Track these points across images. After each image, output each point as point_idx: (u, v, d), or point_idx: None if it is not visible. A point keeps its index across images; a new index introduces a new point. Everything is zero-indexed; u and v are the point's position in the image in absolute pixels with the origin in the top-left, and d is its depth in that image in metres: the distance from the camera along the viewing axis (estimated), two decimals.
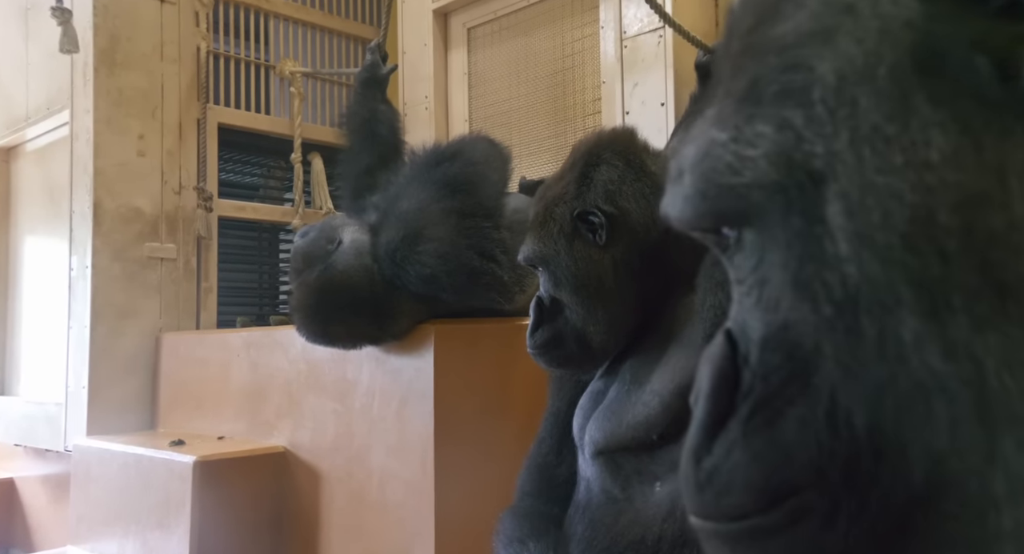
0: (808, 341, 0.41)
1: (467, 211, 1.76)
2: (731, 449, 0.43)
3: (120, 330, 2.59)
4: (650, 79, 2.38)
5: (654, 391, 1.08)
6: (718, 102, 0.46)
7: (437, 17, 3.13)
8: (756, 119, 0.43)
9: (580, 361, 1.20)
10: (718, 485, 0.44)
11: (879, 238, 0.38)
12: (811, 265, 0.40)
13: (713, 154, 0.44)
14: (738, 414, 0.44)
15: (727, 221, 0.45)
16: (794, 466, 0.41)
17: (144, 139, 2.68)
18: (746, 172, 0.42)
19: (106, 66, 2.62)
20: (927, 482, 0.38)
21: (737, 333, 0.46)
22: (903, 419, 0.38)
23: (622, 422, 1.10)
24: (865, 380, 0.39)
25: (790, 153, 0.41)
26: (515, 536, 1.20)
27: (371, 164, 2.10)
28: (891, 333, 0.38)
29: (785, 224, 0.42)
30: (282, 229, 3.16)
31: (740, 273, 0.45)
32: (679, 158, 0.47)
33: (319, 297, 1.77)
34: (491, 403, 1.80)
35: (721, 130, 0.44)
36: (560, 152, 2.72)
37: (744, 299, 0.45)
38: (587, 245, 1.15)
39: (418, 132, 2.98)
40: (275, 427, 2.13)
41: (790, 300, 0.42)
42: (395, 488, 1.79)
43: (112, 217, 2.60)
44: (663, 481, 1.05)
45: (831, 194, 0.40)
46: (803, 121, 0.41)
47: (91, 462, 2.34)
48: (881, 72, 0.40)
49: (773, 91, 0.43)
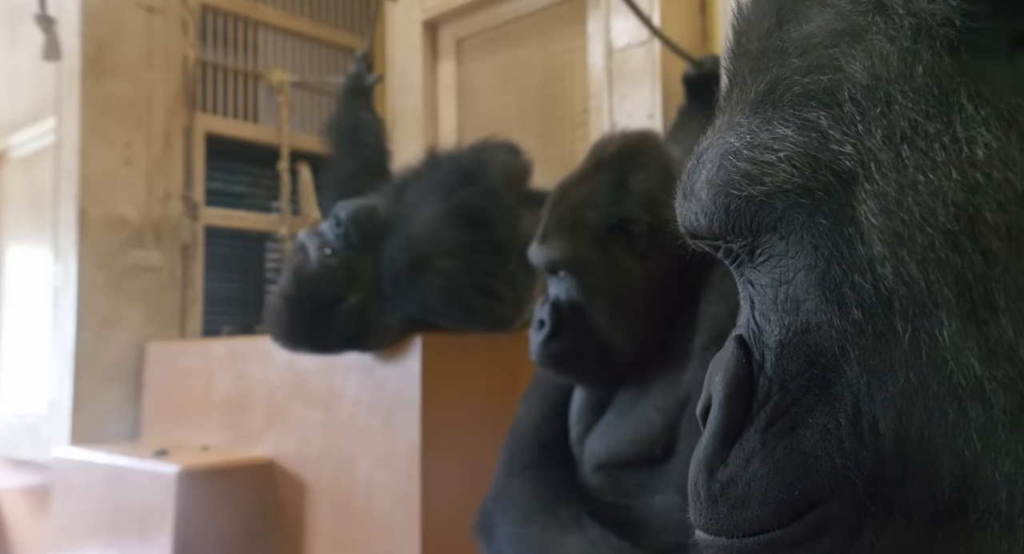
0: (831, 346, 0.39)
1: (478, 246, 1.72)
2: (749, 459, 0.42)
3: (104, 339, 2.56)
4: (638, 92, 2.39)
5: (657, 406, 1.07)
6: (732, 108, 0.45)
7: (426, 28, 3.14)
8: (775, 122, 0.42)
9: (593, 372, 1.16)
10: (734, 497, 0.42)
11: (920, 238, 0.37)
12: (839, 267, 0.39)
13: (727, 165, 0.43)
14: (755, 423, 0.42)
15: (749, 232, 0.43)
16: (817, 476, 0.39)
17: (130, 147, 2.67)
18: (766, 179, 0.41)
19: (93, 73, 2.60)
20: (956, 491, 0.37)
21: (750, 339, 0.44)
22: (934, 425, 0.37)
23: (625, 437, 1.08)
24: (894, 385, 0.37)
25: (815, 154, 0.40)
26: (534, 507, 1.13)
27: (356, 171, 2.10)
28: (928, 336, 0.37)
29: (811, 227, 0.40)
30: (269, 238, 3.15)
31: (756, 277, 0.44)
32: (692, 170, 0.46)
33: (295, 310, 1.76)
34: (478, 414, 1.80)
35: (735, 136, 0.43)
36: (548, 163, 2.72)
37: (760, 304, 0.43)
38: (622, 254, 1.11)
39: (406, 142, 2.98)
40: (260, 437, 2.11)
41: (814, 303, 0.40)
42: (381, 499, 1.78)
43: (97, 225, 2.58)
44: (662, 494, 1.04)
45: (864, 194, 0.39)
46: (829, 121, 0.40)
47: (73, 472, 2.31)
48: (919, 70, 0.39)
49: (795, 93, 0.42)
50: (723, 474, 0.42)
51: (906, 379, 0.37)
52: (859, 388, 0.38)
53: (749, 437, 0.42)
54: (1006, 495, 0.36)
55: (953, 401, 0.36)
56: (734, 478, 0.42)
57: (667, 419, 1.05)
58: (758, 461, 0.41)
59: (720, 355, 0.46)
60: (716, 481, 0.42)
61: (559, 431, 1.23)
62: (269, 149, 3.11)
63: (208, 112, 2.96)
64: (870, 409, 0.38)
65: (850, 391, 0.39)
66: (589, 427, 1.17)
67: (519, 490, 1.18)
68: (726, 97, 0.47)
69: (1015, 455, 0.35)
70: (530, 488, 1.17)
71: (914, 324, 0.37)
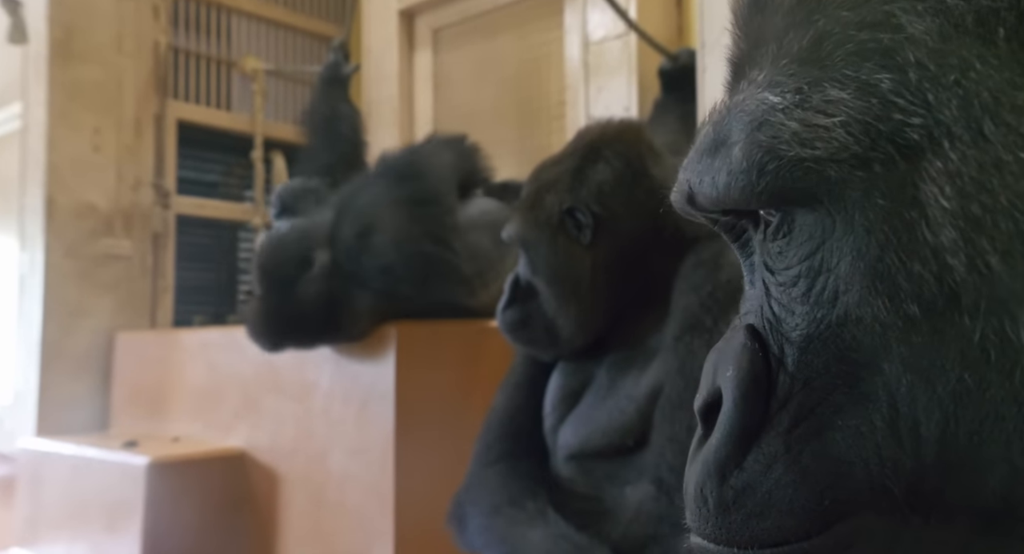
0: (872, 342, 0.36)
1: (416, 199, 1.78)
2: (771, 464, 0.38)
3: (72, 329, 2.52)
4: (614, 84, 2.40)
5: (630, 396, 1.08)
6: (769, 64, 0.40)
7: (402, 17, 3.12)
8: (827, 83, 0.37)
9: (546, 346, 1.19)
10: (751, 505, 0.38)
11: (1004, 224, 0.33)
12: (896, 254, 0.35)
13: (773, 121, 0.37)
14: (776, 424, 0.38)
15: (787, 200, 0.38)
16: (851, 484, 0.36)
17: (99, 133, 2.62)
18: (819, 143, 0.36)
19: (60, 58, 2.55)
20: (1003, 504, 0.34)
21: (765, 330, 0.40)
22: (987, 431, 0.34)
23: (598, 428, 1.09)
24: (944, 386, 0.34)
25: (875, 123, 0.35)
26: (502, 499, 1.14)
27: (331, 162, 2.09)
28: (997, 335, 0.33)
29: (865, 205, 0.36)
30: (241, 227, 3.12)
31: (781, 262, 0.39)
32: (718, 125, 0.40)
33: (275, 318, 1.76)
34: (453, 405, 1.80)
35: (780, 94, 0.38)
36: (524, 155, 2.72)
37: (782, 292, 0.39)
38: (570, 241, 1.13)
39: (382, 132, 2.96)
40: (232, 428, 2.09)
41: (859, 294, 0.36)
42: (355, 490, 1.78)
43: (65, 213, 2.53)
44: (633, 485, 1.05)
45: (934, 172, 0.34)
46: (891, 85, 0.35)
47: (39, 464, 2.27)
48: (1000, 33, 0.34)
49: (848, 50, 0.37)
50: (738, 480, 0.39)
51: (959, 380, 0.34)
52: (899, 388, 0.35)
53: (770, 440, 0.38)
54: None
55: (1014, 406, 0.33)
56: (752, 484, 0.38)
57: (639, 409, 1.06)
58: (781, 466, 0.37)
59: (724, 347, 0.42)
60: (729, 487, 0.39)
61: (533, 421, 1.24)
62: (242, 137, 3.07)
63: (180, 99, 2.92)
64: (911, 411, 0.35)
65: (887, 391, 0.35)
66: (562, 417, 1.17)
67: (490, 481, 1.19)
68: (747, 55, 0.42)
69: None
70: (500, 480, 1.18)
71: (985, 321, 0.33)
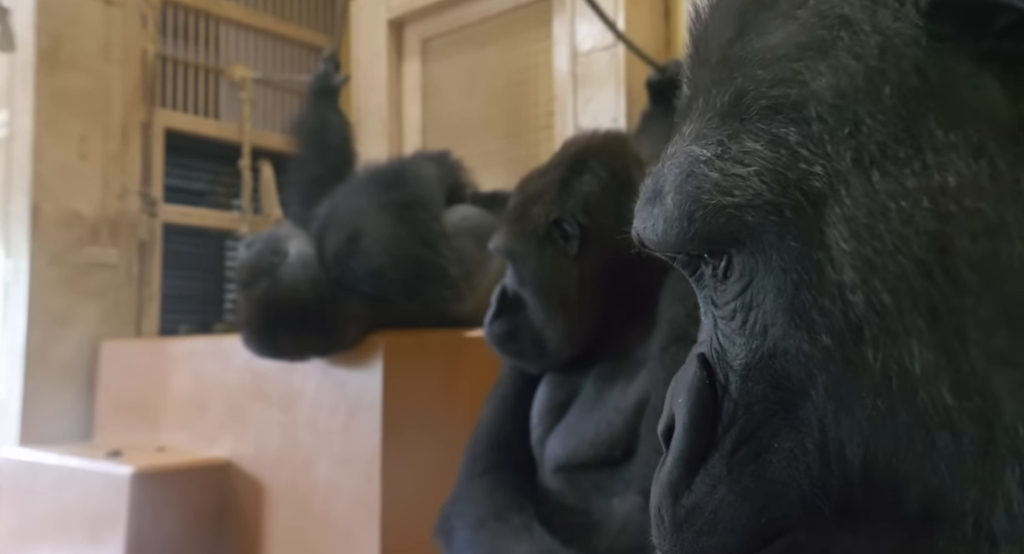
0: (799, 371, 0.38)
1: (404, 203, 1.80)
2: (715, 485, 0.40)
3: (57, 337, 2.50)
4: (602, 95, 2.41)
5: (617, 408, 1.08)
6: (697, 117, 0.43)
7: (391, 27, 3.13)
8: (744, 135, 0.40)
9: (534, 357, 1.19)
10: (699, 524, 0.41)
11: (891, 266, 0.36)
12: (809, 292, 0.38)
13: (698, 173, 0.41)
14: (721, 447, 0.41)
15: (715, 244, 0.41)
16: (785, 503, 0.38)
17: (86, 141, 2.61)
18: (736, 191, 0.39)
19: (48, 66, 2.54)
20: (923, 518, 0.36)
21: (713, 359, 0.43)
22: (902, 453, 0.36)
23: (585, 439, 1.09)
24: (861, 412, 0.37)
25: (784, 172, 0.38)
26: (488, 513, 1.13)
27: (321, 173, 2.09)
28: (898, 365, 0.36)
29: (780, 247, 0.39)
30: (229, 236, 3.11)
31: (722, 297, 0.42)
32: (656, 177, 0.44)
33: (266, 311, 1.75)
34: (440, 415, 1.80)
35: (704, 146, 0.41)
36: (513, 165, 2.73)
37: (725, 324, 0.42)
38: (557, 252, 1.13)
39: (371, 141, 2.96)
40: (218, 438, 2.08)
41: (782, 328, 0.39)
42: (340, 500, 1.77)
43: (51, 221, 2.52)
44: (620, 496, 1.05)
45: (834, 217, 0.37)
46: (798, 138, 0.38)
47: (21, 474, 2.25)
48: (886, 91, 0.37)
49: (761, 106, 0.40)
50: (688, 500, 0.41)
51: (874, 407, 0.36)
52: (826, 414, 0.37)
53: (715, 462, 0.41)
54: (972, 523, 0.35)
55: (921, 430, 0.35)
56: (700, 504, 0.41)
57: (626, 420, 1.06)
58: (724, 487, 0.40)
59: (682, 374, 0.44)
60: (681, 506, 0.41)
61: (520, 433, 1.23)
62: (230, 146, 3.06)
63: (168, 107, 2.91)
64: (837, 435, 0.37)
65: (816, 416, 0.38)
66: (550, 429, 1.17)
67: (476, 494, 1.18)
68: (688, 105, 0.45)
69: (982, 483, 0.35)
70: (486, 493, 1.17)
71: (885, 353, 0.36)
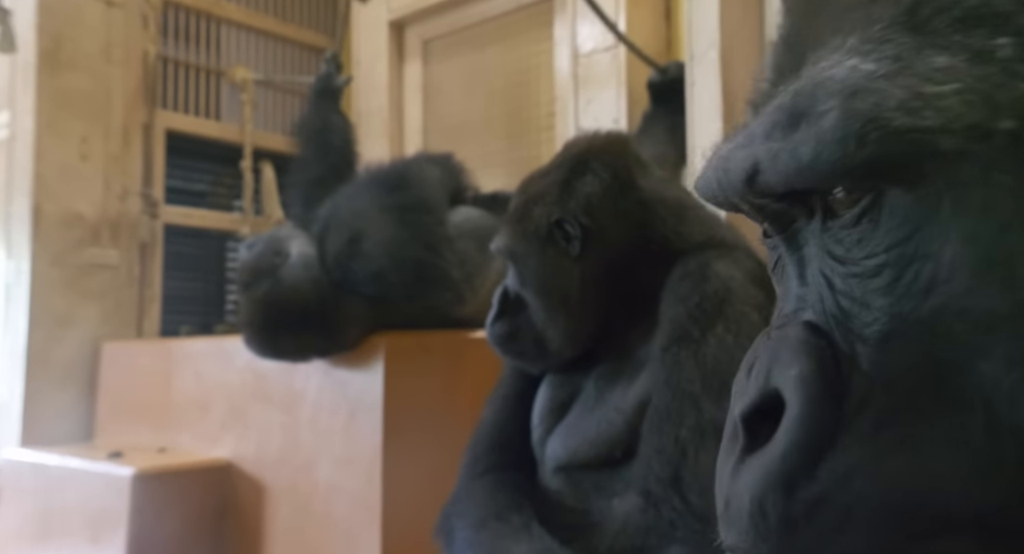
0: (970, 337, 0.32)
1: (407, 206, 1.79)
2: (850, 476, 0.33)
3: (58, 338, 2.51)
4: (603, 96, 2.41)
5: (618, 408, 1.08)
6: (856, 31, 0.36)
7: (392, 28, 3.13)
8: (929, 50, 0.33)
9: (535, 358, 1.19)
10: (827, 521, 0.34)
11: None
12: (1020, 236, 0.31)
13: (873, 88, 0.33)
14: (852, 431, 0.34)
15: (884, 175, 0.34)
16: (947, 500, 0.32)
17: (87, 142, 2.61)
18: (928, 112, 0.32)
19: (49, 67, 2.55)
20: None
21: (830, 327, 0.36)
22: None
23: (585, 439, 1.09)
24: None
25: (995, 92, 0.31)
26: (489, 513, 1.12)
27: (322, 175, 2.09)
28: None
29: (983, 184, 0.32)
30: (230, 237, 3.11)
31: (858, 250, 0.35)
32: (795, 95, 0.36)
33: (267, 312, 1.75)
34: (441, 415, 1.79)
35: (874, 61, 0.34)
36: (513, 166, 2.73)
37: (858, 283, 0.35)
38: (559, 253, 1.13)
39: (372, 142, 2.96)
40: (219, 439, 2.08)
41: (966, 283, 0.32)
42: (341, 501, 1.77)
43: (52, 222, 2.52)
44: (621, 497, 1.05)
45: None
46: (1013, 52, 0.31)
47: (23, 475, 2.25)
48: None
49: (952, 17, 0.33)
50: (809, 492, 0.34)
51: None
52: (998, 389, 0.31)
53: (849, 448, 0.34)
54: None
55: None
56: (827, 498, 0.34)
57: (627, 421, 1.06)
58: (863, 478, 0.33)
59: (774, 346, 0.37)
60: (798, 500, 0.34)
61: (521, 433, 1.24)
62: (232, 147, 3.07)
63: (169, 109, 2.91)
64: (1015, 416, 0.31)
65: (987, 392, 0.31)
66: (550, 429, 1.17)
67: (477, 494, 1.18)
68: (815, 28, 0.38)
69: None
70: (487, 493, 1.17)
71: None
